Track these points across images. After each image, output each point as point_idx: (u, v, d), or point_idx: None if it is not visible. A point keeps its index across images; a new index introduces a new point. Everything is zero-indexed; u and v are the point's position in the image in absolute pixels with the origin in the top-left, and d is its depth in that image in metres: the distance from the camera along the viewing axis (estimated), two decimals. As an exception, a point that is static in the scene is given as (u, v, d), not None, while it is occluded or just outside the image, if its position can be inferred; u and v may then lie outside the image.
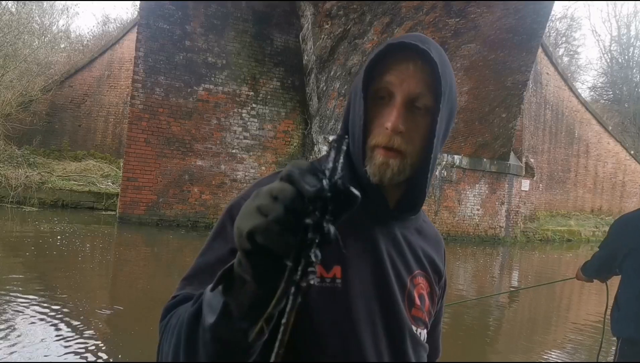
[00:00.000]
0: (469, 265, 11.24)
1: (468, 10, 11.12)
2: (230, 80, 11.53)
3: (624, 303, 2.56)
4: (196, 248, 5.77)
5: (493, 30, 11.81)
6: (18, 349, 3.80)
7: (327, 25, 10.70)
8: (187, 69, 11.15)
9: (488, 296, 7.26)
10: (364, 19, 10.67)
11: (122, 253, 8.88)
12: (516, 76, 13.19)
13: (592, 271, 2.87)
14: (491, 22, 11.57)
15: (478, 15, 11.30)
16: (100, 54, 16.92)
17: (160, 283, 6.75)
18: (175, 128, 11.09)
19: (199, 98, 11.27)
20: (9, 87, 15.00)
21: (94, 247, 8.77)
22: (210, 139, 11.40)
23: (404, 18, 10.91)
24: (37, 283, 5.91)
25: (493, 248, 14.08)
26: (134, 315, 5.24)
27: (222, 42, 11.42)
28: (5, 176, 12.53)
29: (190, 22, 11.17)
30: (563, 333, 6.21)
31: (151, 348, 4.64)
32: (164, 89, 10.96)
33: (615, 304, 2.64)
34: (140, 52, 10.83)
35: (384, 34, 11.11)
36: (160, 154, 10.99)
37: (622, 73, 29.38)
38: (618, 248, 2.67)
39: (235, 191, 11.62)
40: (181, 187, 11.17)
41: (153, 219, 10.88)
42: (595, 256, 2.83)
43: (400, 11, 10.71)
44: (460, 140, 14.03)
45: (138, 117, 10.83)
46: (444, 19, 11.18)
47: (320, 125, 11.92)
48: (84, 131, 16.64)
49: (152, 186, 10.94)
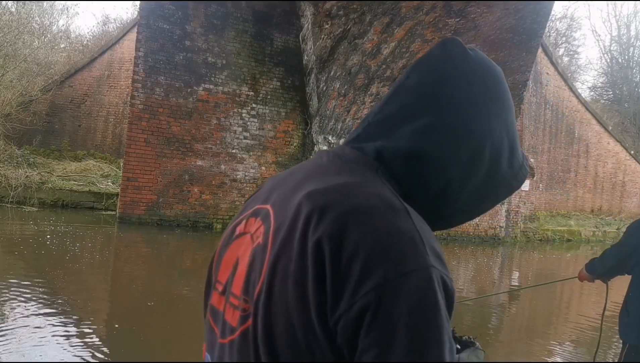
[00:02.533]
0: (469, 264, 11.24)
1: (468, 10, 11.12)
2: (230, 80, 11.53)
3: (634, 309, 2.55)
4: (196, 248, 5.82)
5: (493, 30, 11.81)
6: (17, 349, 3.80)
7: (327, 25, 10.70)
8: (187, 69, 11.15)
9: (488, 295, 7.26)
10: (364, 19, 10.67)
11: (122, 253, 8.88)
12: (516, 76, 13.19)
13: (602, 270, 2.78)
14: (491, 22, 11.57)
15: (478, 15, 11.31)
16: (100, 54, 16.92)
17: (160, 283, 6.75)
18: (175, 128, 11.09)
19: (199, 98, 11.27)
20: (9, 87, 15.00)
21: (94, 247, 8.77)
22: (210, 139, 11.40)
23: (404, 18, 10.91)
24: (37, 283, 5.91)
25: (493, 248, 14.08)
26: (134, 315, 5.24)
27: (222, 42, 11.42)
28: (5, 176, 12.53)
29: (190, 22, 11.17)
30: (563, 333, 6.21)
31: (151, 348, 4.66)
32: (164, 89, 10.96)
33: (624, 308, 2.61)
34: (140, 52, 10.83)
35: (384, 34, 11.11)
36: (160, 154, 10.99)
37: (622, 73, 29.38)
38: (634, 249, 2.62)
39: (235, 191, 11.62)
40: (181, 187, 11.18)
41: (153, 219, 10.88)
42: (609, 255, 2.75)
43: (400, 11, 10.71)
44: (460, 140, 14.02)
45: (138, 117, 10.83)
46: (444, 19, 11.18)
47: (320, 125, 11.92)
48: (84, 131, 16.64)
49: (152, 186, 10.94)
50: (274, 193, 0.75)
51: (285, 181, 0.76)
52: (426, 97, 0.75)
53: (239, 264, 0.72)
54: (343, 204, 0.64)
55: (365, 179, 0.69)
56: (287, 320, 0.62)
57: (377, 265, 0.59)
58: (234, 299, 0.70)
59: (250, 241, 0.72)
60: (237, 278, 0.70)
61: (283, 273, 0.63)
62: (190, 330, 4.80)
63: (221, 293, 0.74)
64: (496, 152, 0.76)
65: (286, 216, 0.67)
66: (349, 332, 0.59)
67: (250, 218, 0.76)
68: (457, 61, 0.75)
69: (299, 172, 0.76)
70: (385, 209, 0.64)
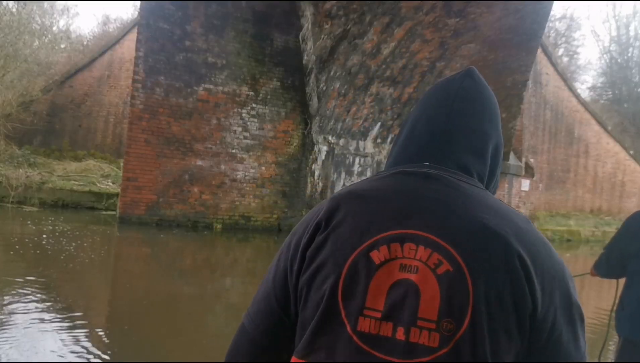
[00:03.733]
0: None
1: (468, 11, 11.14)
2: (230, 80, 11.54)
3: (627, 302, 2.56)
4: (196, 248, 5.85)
5: (493, 31, 11.83)
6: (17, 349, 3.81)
7: (327, 25, 10.71)
8: (187, 69, 11.16)
9: None
10: (364, 19, 10.68)
11: (122, 253, 8.89)
12: (516, 76, 13.20)
13: (602, 271, 2.79)
14: (491, 22, 11.59)
15: (478, 15, 11.32)
16: (100, 54, 16.93)
17: (160, 283, 6.76)
18: (175, 128, 11.10)
19: (199, 98, 11.28)
20: (9, 88, 15.01)
21: (94, 247, 8.78)
22: (210, 139, 11.41)
23: (404, 18, 10.92)
24: (37, 283, 5.92)
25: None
26: (134, 314, 5.25)
27: (222, 42, 11.43)
28: (5, 176, 12.54)
29: (190, 22, 11.18)
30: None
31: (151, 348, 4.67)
32: (164, 89, 10.97)
33: (620, 303, 2.63)
34: (141, 52, 10.84)
35: (383, 34, 11.13)
36: (160, 154, 11.00)
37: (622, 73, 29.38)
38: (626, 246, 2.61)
39: (235, 191, 11.63)
40: (181, 187, 11.19)
41: (153, 219, 10.89)
42: (603, 256, 2.76)
43: (400, 11, 10.72)
44: (460, 140, 14.03)
45: (138, 117, 10.85)
46: (443, 19, 11.20)
47: (320, 125, 11.93)
48: (84, 131, 16.65)
49: (152, 186, 10.95)
50: (405, 218, 0.82)
51: (389, 202, 0.85)
52: (490, 123, 0.98)
53: (419, 290, 0.77)
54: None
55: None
56: (501, 336, 0.76)
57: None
58: (426, 323, 0.76)
59: (425, 268, 0.78)
60: (425, 304, 0.77)
61: (495, 292, 0.76)
62: (190, 329, 4.81)
63: (381, 320, 0.78)
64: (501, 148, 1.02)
65: (470, 244, 0.78)
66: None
67: (396, 244, 0.80)
68: (487, 89, 1.02)
69: (419, 197, 0.85)
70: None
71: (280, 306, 0.90)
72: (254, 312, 0.94)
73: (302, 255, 0.86)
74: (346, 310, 0.79)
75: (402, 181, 0.88)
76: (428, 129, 0.94)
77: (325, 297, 0.81)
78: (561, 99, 18.57)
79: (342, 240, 0.82)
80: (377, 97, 12.27)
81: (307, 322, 0.83)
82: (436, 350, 0.75)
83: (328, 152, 12.29)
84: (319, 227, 0.85)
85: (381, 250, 0.80)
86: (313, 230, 0.86)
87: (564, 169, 19.04)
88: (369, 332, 0.78)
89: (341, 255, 0.81)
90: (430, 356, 0.75)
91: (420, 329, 0.76)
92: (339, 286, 0.80)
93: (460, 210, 0.81)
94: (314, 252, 0.84)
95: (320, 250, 0.83)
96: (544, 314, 0.78)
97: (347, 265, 0.80)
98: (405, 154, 0.96)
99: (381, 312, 0.78)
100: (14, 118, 14.84)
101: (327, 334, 0.80)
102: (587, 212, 19.59)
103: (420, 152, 0.93)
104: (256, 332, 0.93)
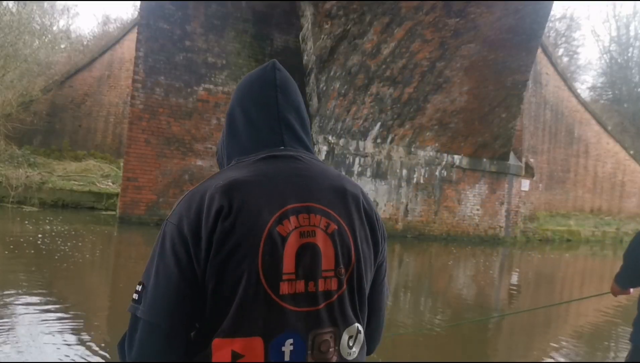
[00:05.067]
0: (469, 264, 11.26)
1: (468, 11, 11.14)
2: (230, 80, 11.54)
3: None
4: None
5: (493, 31, 11.82)
6: (18, 349, 3.81)
7: (327, 25, 10.71)
8: (187, 69, 11.16)
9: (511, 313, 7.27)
10: (363, 19, 10.68)
11: (122, 253, 8.90)
12: (516, 76, 13.20)
13: (626, 282, 2.74)
14: (491, 22, 11.58)
15: (478, 15, 11.32)
16: (100, 54, 16.93)
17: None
18: (175, 128, 11.11)
19: (199, 98, 11.28)
20: (9, 87, 15.02)
21: (94, 247, 8.79)
22: (210, 139, 11.42)
23: (404, 18, 10.92)
24: (37, 283, 5.93)
25: (493, 248, 14.09)
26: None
27: (222, 42, 11.43)
28: (5, 176, 12.54)
29: (190, 22, 11.18)
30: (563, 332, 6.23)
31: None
32: (164, 89, 10.98)
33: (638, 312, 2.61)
34: (141, 52, 10.85)
35: (383, 34, 11.13)
36: (160, 154, 11.00)
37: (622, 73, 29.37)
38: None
39: (235, 191, 11.63)
40: (181, 187, 11.19)
41: (153, 219, 10.89)
42: (623, 267, 2.72)
43: (400, 11, 10.72)
44: (460, 140, 14.04)
45: (138, 117, 10.85)
46: (443, 19, 11.20)
47: (320, 125, 11.93)
48: (84, 131, 16.66)
49: (152, 186, 10.96)
50: (292, 195, 0.97)
51: (275, 184, 0.98)
52: (302, 105, 1.20)
53: (318, 250, 0.96)
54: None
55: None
56: (369, 266, 1.05)
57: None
58: (328, 273, 0.97)
59: (320, 231, 0.97)
60: (326, 259, 0.96)
61: (362, 238, 1.02)
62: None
63: (296, 280, 0.94)
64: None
65: (340, 205, 1.01)
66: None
67: (293, 216, 0.95)
68: (291, 77, 1.16)
69: (294, 175, 1.01)
70: None
71: (193, 292, 0.93)
72: (161, 306, 0.93)
73: (208, 240, 0.91)
74: (268, 281, 0.91)
75: (275, 165, 1.01)
76: (266, 118, 1.07)
77: (245, 276, 0.91)
78: (561, 99, 18.58)
79: (250, 222, 0.92)
80: (377, 97, 12.27)
81: (225, 302, 0.91)
82: (337, 292, 0.97)
83: (328, 152, 12.29)
84: (219, 214, 0.92)
85: (284, 224, 0.94)
86: (214, 217, 0.92)
87: (564, 169, 19.04)
88: (288, 293, 0.93)
89: (253, 235, 0.92)
90: (334, 297, 0.97)
91: (325, 279, 0.96)
92: (259, 263, 0.91)
93: (326, 181, 1.02)
94: (222, 236, 0.91)
95: (230, 234, 0.91)
96: (383, 251, 1.10)
97: (262, 243, 0.92)
98: (256, 142, 1.06)
99: (294, 274, 0.93)
100: (14, 118, 14.84)
101: (256, 309, 0.91)
102: (587, 212, 19.60)
103: (270, 138, 1.06)
104: (171, 326, 0.93)
